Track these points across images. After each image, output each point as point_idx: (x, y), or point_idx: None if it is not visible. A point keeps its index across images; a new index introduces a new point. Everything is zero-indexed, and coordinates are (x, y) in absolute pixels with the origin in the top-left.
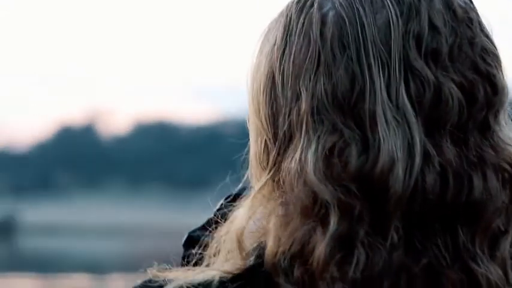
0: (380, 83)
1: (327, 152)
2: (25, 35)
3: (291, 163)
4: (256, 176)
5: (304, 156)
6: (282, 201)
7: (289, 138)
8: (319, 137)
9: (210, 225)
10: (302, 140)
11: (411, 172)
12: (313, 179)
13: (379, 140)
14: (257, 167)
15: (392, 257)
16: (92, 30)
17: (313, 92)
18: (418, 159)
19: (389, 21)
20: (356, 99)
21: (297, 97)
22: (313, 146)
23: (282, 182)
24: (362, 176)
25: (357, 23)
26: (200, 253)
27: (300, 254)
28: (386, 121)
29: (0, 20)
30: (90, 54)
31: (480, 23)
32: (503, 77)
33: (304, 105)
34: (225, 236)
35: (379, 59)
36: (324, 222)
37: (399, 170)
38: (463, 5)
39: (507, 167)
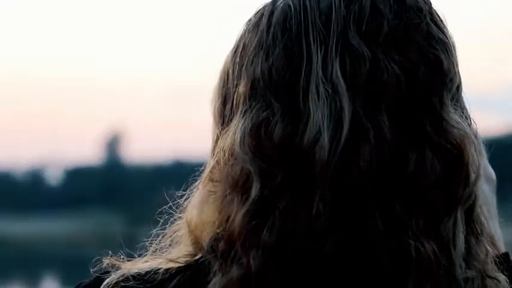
0: (317, 60)
1: (256, 126)
2: None
3: (224, 142)
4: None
5: (235, 133)
6: (216, 179)
7: (228, 123)
8: (252, 113)
9: None
10: (237, 119)
11: (338, 141)
12: (238, 151)
13: (309, 112)
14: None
15: (315, 225)
16: None
17: (251, 74)
18: (346, 130)
19: (332, 4)
20: (291, 76)
21: (239, 83)
22: (245, 123)
23: (218, 162)
24: (288, 146)
25: (300, 7)
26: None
27: (223, 225)
28: (318, 94)
29: None
30: None
31: (431, 13)
32: (451, 64)
33: (242, 88)
34: (179, 225)
35: (318, 38)
36: (246, 192)
37: (325, 138)
38: None
39: (450, 148)
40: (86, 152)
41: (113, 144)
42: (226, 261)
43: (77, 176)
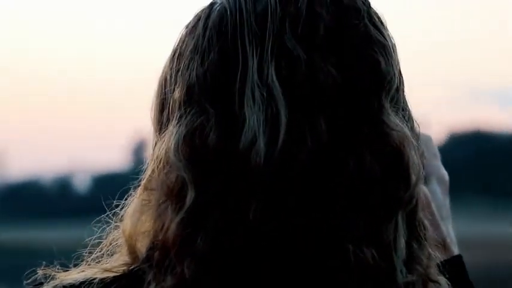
0: (252, 64)
1: (190, 133)
2: None
3: (160, 149)
4: None
5: (169, 140)
6: (151, 187)
7: (165, 130)
8: (186, 120)
9: None
10: (172, 126)
11: (275, 146)
12: (172, 158)
13: (244, 117)
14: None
15: (250, 232)
16: None
17: (186, 80)
18: (282, 134)
19: (268, 7)
20: (226, 80)
21: (175, 89)
22: (179, 129)
23: (153, 170)
24: (223, 153)
25: (236, 11)
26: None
27: (158, 234)
28: (253, 99)
29: None
30: None
31: (370, 14)
32: (390, 65)
33: (177, 94)
34: (116, 236)
35: (253, 41)
36: (181, 200)
37: (261, 143)
38: None
39: (389, 151)
40: (113, 158)
41: (139, 150)
42: (161, 271)
43: (104, 183)
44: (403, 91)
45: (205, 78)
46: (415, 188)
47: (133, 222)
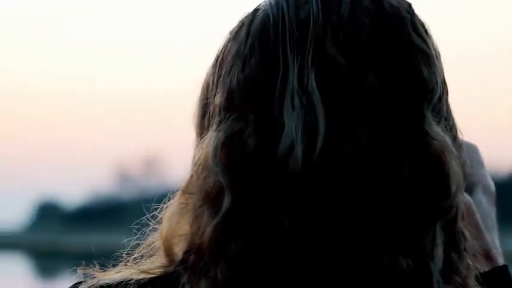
0: (293, 71)
1: (229, 138)
2: None
3: (199, 154)
4: None
5: (208, 145)
6: (190, 191)
7: (205, 134)
8: (226, 125)
9: None
10: (212, 131)
11: (312, 153)
12: (210, 163)
13: (283, 123)
14: None
15: (285, 237)
16: None
17: (227, 85)
18: (320, 142)
19: (310, 14)
20: (267, 87)
21: (216, 94)
22: (218, 134)
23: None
24: (261, 158)
25: (279, 18)
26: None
27: (194, 237)
28: (292, 106)
29: None
30: None
31: (413, 22)
32: (432, 74)
33: (218, 99)
34: (154, 238)
35: (295, 48)
36: (218, 204)
37: (298, 150)
38: (395, 4)
39: (430, 160)
40: None
41: None
42: (195, 274)
43: None
44: (447, 100)
45: (245, 84)
46: (455, 198)
47: (170, 225)
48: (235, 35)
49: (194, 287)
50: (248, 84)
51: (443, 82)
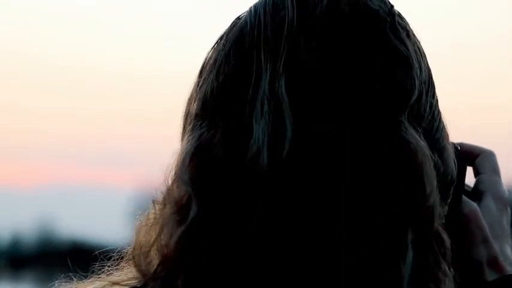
0: (266, 77)
1: (198, 147)
2: None
3: (172, 163)
4: None
5: (179, 154)
6: (161, 201)
7: None
8: (197, 133)
9: None
10: (185, 140)
11: (279, 159)
12: (179, 173)
13: (251, 130)
14: None
15: (251, 246)
16: None
17: (203, 93)
18: (287, 146)
19: (285, 19)
20: (239, 94)
21: (193, 102)
22: (189, 143)
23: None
24: (228, 166)
25: (255, 24)
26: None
27: (161, 247)
28: (261, 112)
29: None
30: None
31: (393, 24)
32: (408, 77)
33: (194, 108)
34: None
35: (268, 54)
36: (186, 214)
37: (265, 157)
38: (374, 7)
39: (401, 163)
40: None
41: None
42: (161, 284)
43: None
44: (431, 102)
45: (218, 92)
46: (429, 199)
47: (140, 235)
48: (216, 44)
49: None
50: (220, 92)
51: (427, 84)
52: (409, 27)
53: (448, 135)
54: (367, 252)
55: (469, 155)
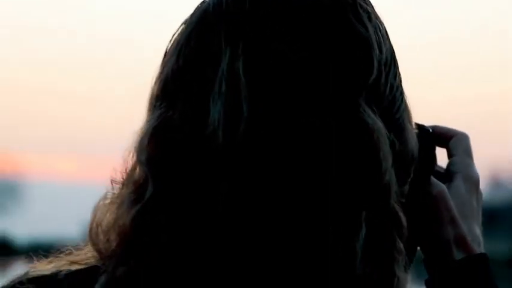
0: (225, 57)
1: (156, 127)
2: None
3: (130, 144)
4: None
5: (138, 134)
6: (120, 181)
7: None
8: (155, 114)
9: None
10: (145, 121)
11: (234, 139)
12: (137, 153)
13: (208, 111)
14: None
15: (206, 227)
16: None
17: (163, 75)
18: (243, 126)
19: (246, 2)
20: (198, 75)
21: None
22: (147, 124)
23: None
24: (186, 146)
25: (217, 6)
26: None
27: (117, 226)
28: (219, 92)
29: None
30: None
31: (354, 7)
32: (367, 58)
33: (154, 90)
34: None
35: (229, 35)
36: (142, 193)
37: (220, 136)
38: None
39: (357, 144)
40: None
41: None
42: (115, 261)
43: None
44: (391, 83)
45: (178, 73)
46: (384, 177)
47: (96, 215)
48: (180, 28)
49: (111, 275)
50: (180, 73)
51: (389, 65)
52: (372, 10)
53: (410, 116)
54: (322, 229)
55: (443, 137)
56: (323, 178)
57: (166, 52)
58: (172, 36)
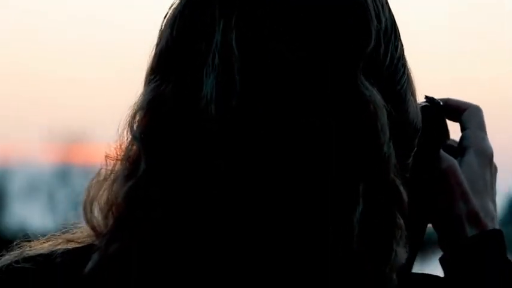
0: (218, 32)
1: (149, 101)
2: None
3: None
4: None
5: (132, 108)
6: (114, 157)
7: None
8: (149, 88)
9: None
10: (139, 96)
11: (227, 112)
12: (131, 128)
13: (201, 84)
14: None
15: (200, 202)
16: None
17: (158, 49)
18: (235, 100)
19: None
20: (191, 49)
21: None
22: (141, 98)
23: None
24: (178, 120)
25: None
26: None
27: (111, 202)
28: (212, 66)
29: None
30: None
31: None
32: (365, 28)
33: (149, 63)
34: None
35: (223, 8)
36: (135, 169)
37: (213, 110)
38: None
39: (355, 116)
40: None
41: None
42: (108, 238)
43: None
44: (392, 54)
45: (172, 46)
46: (382, 149)
47: (90, 192)
48: (175, 3)
49: (104, 251)
50: (174, 46)
51: (389, 35)
52: None
53: (413, 88)
54: (321, 202)
55: (455, 111)
56: (320, 150)
57: (161, 28)
58: (169, 8)
